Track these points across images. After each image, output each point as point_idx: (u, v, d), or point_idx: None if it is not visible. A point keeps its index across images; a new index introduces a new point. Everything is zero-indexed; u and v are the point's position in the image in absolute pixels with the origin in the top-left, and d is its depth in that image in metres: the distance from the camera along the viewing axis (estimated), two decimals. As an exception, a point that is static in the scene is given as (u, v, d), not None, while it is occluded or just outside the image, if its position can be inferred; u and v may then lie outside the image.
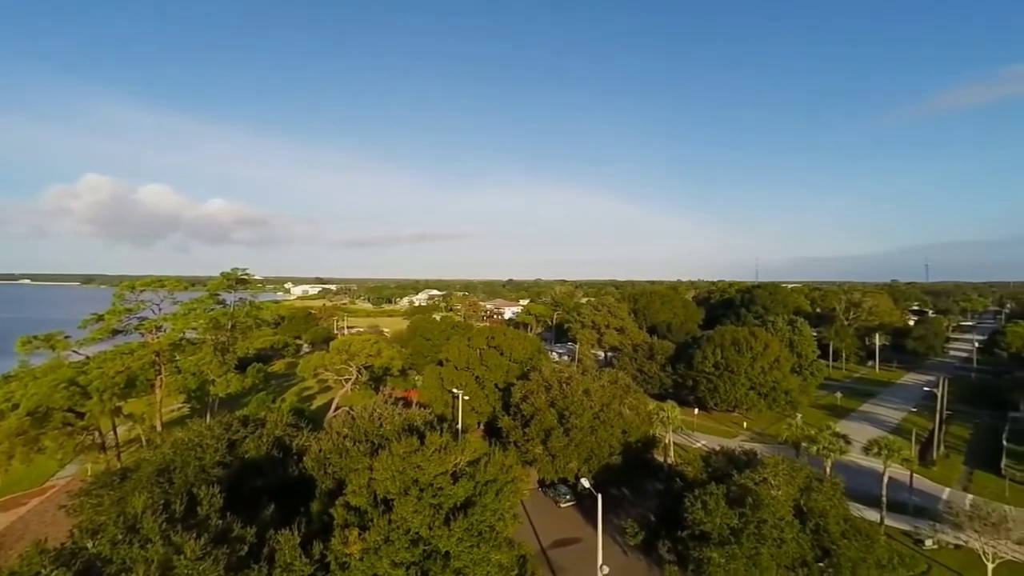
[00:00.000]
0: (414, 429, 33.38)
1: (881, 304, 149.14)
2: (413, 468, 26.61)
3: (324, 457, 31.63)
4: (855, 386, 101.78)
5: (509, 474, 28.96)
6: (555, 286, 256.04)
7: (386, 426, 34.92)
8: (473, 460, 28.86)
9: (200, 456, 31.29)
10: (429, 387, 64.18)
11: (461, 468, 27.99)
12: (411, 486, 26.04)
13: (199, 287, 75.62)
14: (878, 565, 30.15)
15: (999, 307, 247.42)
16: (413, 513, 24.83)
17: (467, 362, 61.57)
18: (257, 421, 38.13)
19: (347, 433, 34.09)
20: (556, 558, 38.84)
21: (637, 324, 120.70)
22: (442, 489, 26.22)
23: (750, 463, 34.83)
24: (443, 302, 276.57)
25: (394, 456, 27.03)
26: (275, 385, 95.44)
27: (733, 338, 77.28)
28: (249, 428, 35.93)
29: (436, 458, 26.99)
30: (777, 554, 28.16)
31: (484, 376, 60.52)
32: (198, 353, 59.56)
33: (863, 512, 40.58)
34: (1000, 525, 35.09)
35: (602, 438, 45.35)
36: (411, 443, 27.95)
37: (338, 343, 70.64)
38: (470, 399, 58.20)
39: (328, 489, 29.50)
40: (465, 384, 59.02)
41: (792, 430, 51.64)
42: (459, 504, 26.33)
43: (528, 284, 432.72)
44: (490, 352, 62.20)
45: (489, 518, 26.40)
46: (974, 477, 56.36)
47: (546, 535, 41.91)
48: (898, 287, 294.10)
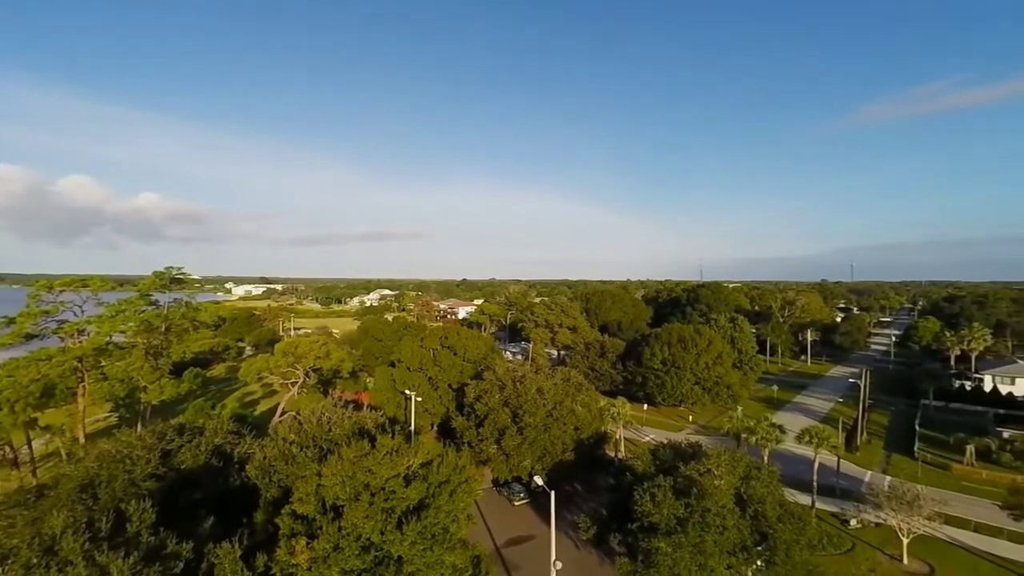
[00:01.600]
0: (365, 432, 32.56)
1: (812, 302, 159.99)
2: (364, 472, 25.94)
3: (269, 465, 30.25)
4: (790, 379, 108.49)
5: (463, 474, 28.78)
6: (509, 286, 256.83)
7: (335, 430, 33.84)
8: (426, 462, 28.47)
9: (129, 469, 29.12)
10: (381, 389, 62.81)
11: (414, 470, 27.54)
12: (362, 491, 25.37)
13: (128, 287, 70.42)
14: (809, 545, 32.36)
15: (913, 305, 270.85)
16: (364, 519, 24.21)
17: (420, 363, 60.73)
18: (194, 429, 35.93)
19: (294, 439, 32.76)
20: (510, 556, 39.03)
21: (589, 323, 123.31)
22: (394, 493, 25.71)
23: (695, 455, 36.37)
24: (396, 302, 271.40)
25: (344, 461, 26.23)
26: (215, 390, 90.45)
27: (679, 336, 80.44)
28: (185, 437, 33.81)
29: (388, 461, 26.43)
30: (720, 540, 29.56)
31: (437, 377, 59.91)
32: (127, 358, 55.44)
33: (796, 497, 43.43)
34: (913, 503, 38.45)
35: (555, 436, 45.97)
36: (362, 447, 27.22)
37: (284, 345, 67.81)
38: (423, 400, 57.45)
39: (273, 498, 28.25)
40: (418, 385, 58.19)
41: (733, 422, 54.33)
42: (412, 507, 25.91)
43: (482, 284, 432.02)
44: (444, 352, 61.63)
45: (443, 520, 26.15)
46: (892, 460, 61.47)
47: (500, 534, 42.03)
48: (827, 286, 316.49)
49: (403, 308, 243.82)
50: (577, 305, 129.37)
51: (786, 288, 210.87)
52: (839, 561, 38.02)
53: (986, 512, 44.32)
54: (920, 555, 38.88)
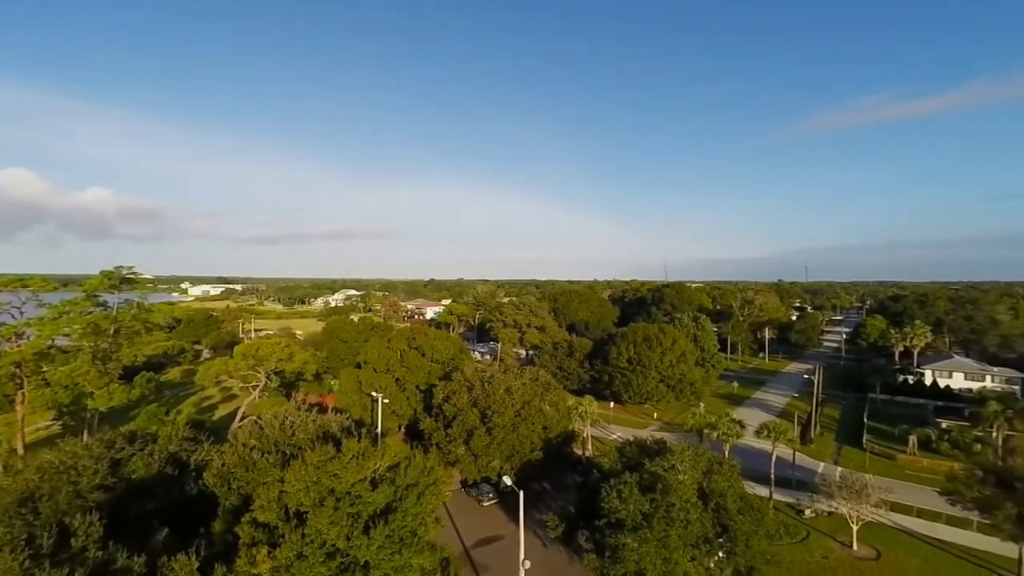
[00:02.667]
0: (330, 436, 31.84)
1: (769, 302, 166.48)
2: (329, 477, 25.35)
3: (228, 472, 29.15)
4: (749, 376, 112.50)
5: (431, 476, 28.54)
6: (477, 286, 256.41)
7: (299, 434, 32.92)
8: (393, 465, 28.08)
9: (75, 480, 27.49)
10: (346, 391, 61.50)
11: (381, 474, 27.12)
12: (327, 496, 24.79)
13: (74, 288, 66.39)
14: (767, 536, 33.63)
15: (861, 304, 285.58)
16: (329, 524, 23.67)
17: (387, 364, 59.81)
18: (147, 436, 34.30)
19: (254, 444, 31.68)
20: (479, 557, 38.93)
21: (557, 322, 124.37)
22: (360, 497, 25.24)
23: (660, 451, 37.20)
24: (362, 303, 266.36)
25: (308, 466, 25.56)
26: (170, 396, 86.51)
27: (645, 335, 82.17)
28: (137, 445, 32.23)
29: (354, 465, 25.92)
30: (684, 534, 30.36)
31: (405, 378, 59.15)
32: (72, 363, 52.37)
33: (755, 489, 44.99)
34: (862, 492, 40.54)
35: (524, 435, 46.14)
36: (326, 451, 26.60)
37: (244, 347, 65.47)
38: (390, 402, 56.60)
39: (232, 506, 27.26)
40: (385, 387, 57.29)
41: (696, 418, 55.99)
42: (379, 511, 25.51)
43: (450, 284, 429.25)
44: (411, 353, 60.91)
45: (411, 523, 25.86)
46: (843, 452, 64.61)
47: (469, 535, 41.86)
48: (783, 286, 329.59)
49: (369, 309, 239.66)
50: (545, 305, 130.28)
51: (745, 288, 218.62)
52: (795, 549, 39.71)
53: (927, 498, 47.11)
54: (868, 541, 41.02)
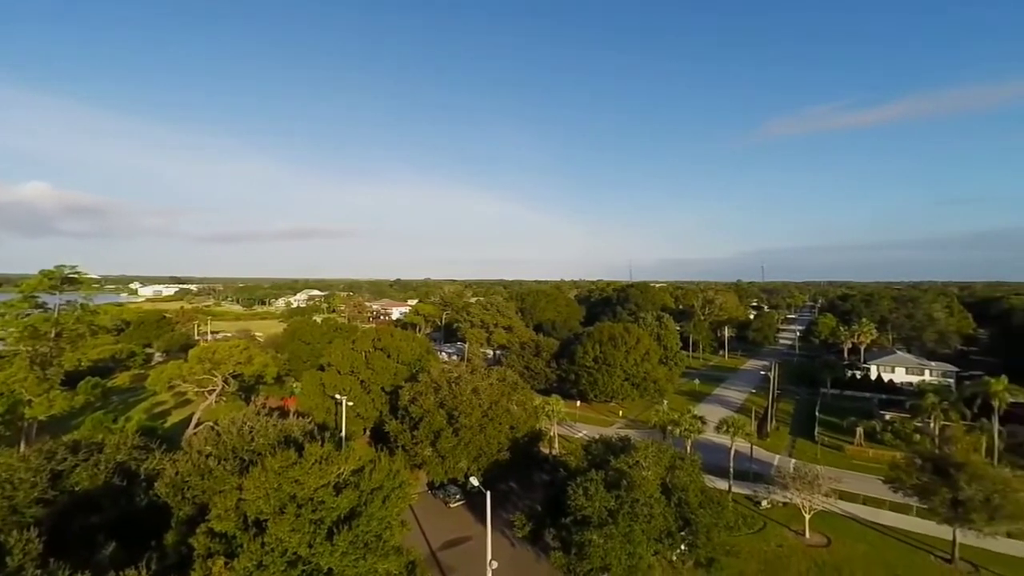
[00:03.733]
0: (291, 441, 31.01)
1: (729, 301, 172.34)
2: (290, 483, 24.65)
3: (182, 481, 27.95)
4: (710, 373, 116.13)
5: (396, 479, 28.16)
6: (444, 286, 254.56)
7: (258, 440, 31.89)
8: (358, 468, 27.56)
9: (10, 495, 25.77)
10: (309, 394, 59.92)
11: (345, 478, 26.56)
12: (288, 503, 24.10)
13: (9, 288, 62.04)
14: (727, 528, 34.81)
15: (814, 303, 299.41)
16: (291, 532, 23.01)
17: (351, 366, 58.63)
18: (92, 446, 32.48)
19: (211, 451, 30.49)
20: (446, 559, 38.68)
21: (524, 322, 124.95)
22: (323, 503, 24.65)
23: (625, 448, 37.95)
24: (325, 303, 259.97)
25: (268, 472, 24.79)
26: (118, 402, 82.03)
27: (610, 334, 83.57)
28: (81, 455, 30.47)
29: (316, 470, 25.29)
30: (647, 529, 31.08)
31: (370, 380, 58.14)
32: (7, 368, 48.95)
33: (715, 482, 46.51)
34: (813, 482, 42.52)
35: (491, 435, 46.14)
36: (288, 456, 25.86)
37: (199, 350, 62.83)
38: (355, 404, 55.53)
39: (187, 516, 26.16)
40: (349, 389, 56.15)
41: (660, 416, 57.31)
42: (343, 516, 24.98)
43: (417, 284, 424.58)
44: (376, 354, 59.92)
45: (375, 527, 25.43)
46: (796, 444, 67.58)
47: (436, 537, 41.54)
48: (742, 286, 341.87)
49: (333, 309, 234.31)
50: (512, 305, 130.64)
51: (706, 288, 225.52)
52: (752, 540, 41.25)
53: (872, 486, 49.82)
54: (820, 529, 43.05)
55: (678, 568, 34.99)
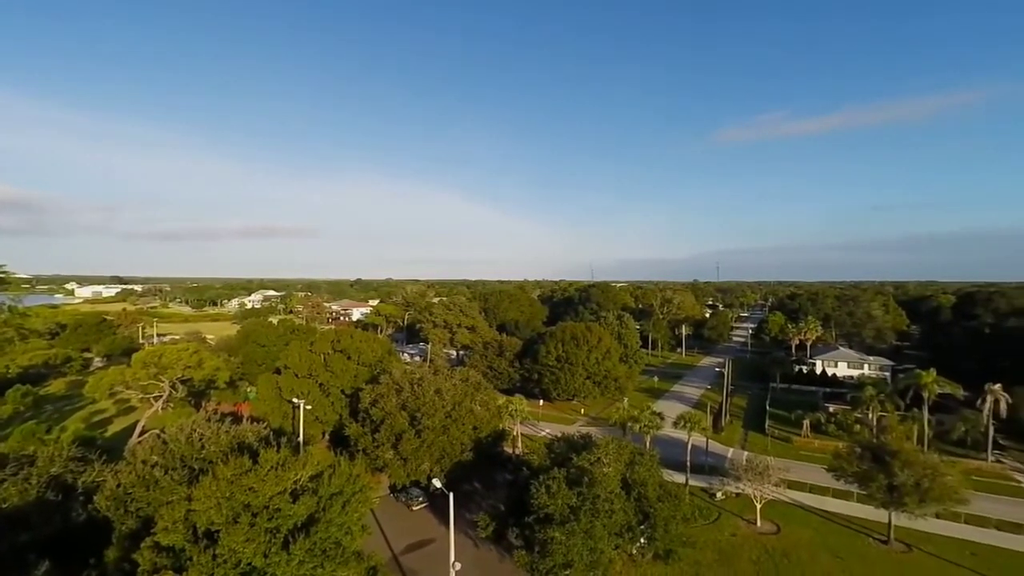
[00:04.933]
0: (245, 447, 29.87)
1: (686, 300, 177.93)
2: (244, 491, 23.74)
3: (124, 493, 26.43)
4: (668, 370, 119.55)
5: (357, 484, 27.62)
6: (407, 286, 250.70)
7: (209, 447, 30.53)
8: (316, 474, 26.84)
9: (-73, 514, 23.65)
10: (264, 398, 57.82)
11: (302, 484, 25.82)
12: (241, 512, 23.20)
13: (-76, 289, 56.89)
14: (684, 519, 35.99)
15: (765, 301, 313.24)
16: (244, 542, 22.17)
17: (309, 368, 56.97)
18: (22, 459, 30.24)
19: (157, 460, 28.95)
20: (409, 563, 38.19)
21: (487, 322, 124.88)
22: (280, 510, 23.88)
23: (586, 446, 38.60)
24: (282, 304, 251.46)
25: (219, 480, 23.78)
26: (52, 411, 76.60)
27: (572, 333, 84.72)
28: (9, 469, 28.31)
29: (272, 477, 24.47)
30: (608, 524, 31.72)
31: (329, 382, 56.68)
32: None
33: (673, 476, 47.96)
34: (764, 473, 44.53)
35: (454, 436, 45.89)
36: (241, 463, 24.90)
37: (145, 354, 59.48)
38: (313, 408, 53.98)
39: (129, 531, 24.76)
40: (307, 392, 54.55)
41: (620, 413, 58.55)
42: (300, 524, 24.28)
43: (378, 284, 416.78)
44: (336, 356, 58.47)
45: (335, 534, 24.86)
46: (749, 437, 70.53)
47: (398, 541, 40.96)
48: (698, 286, 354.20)
49: (290, 310, 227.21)
50: (476, 305, 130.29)
51: (665, 287, 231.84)
52: (708, 530, 42.80)
53: (817, 475, 52.59)
54: (770, 517, 45.12)
55: (638, 561, 35.89)
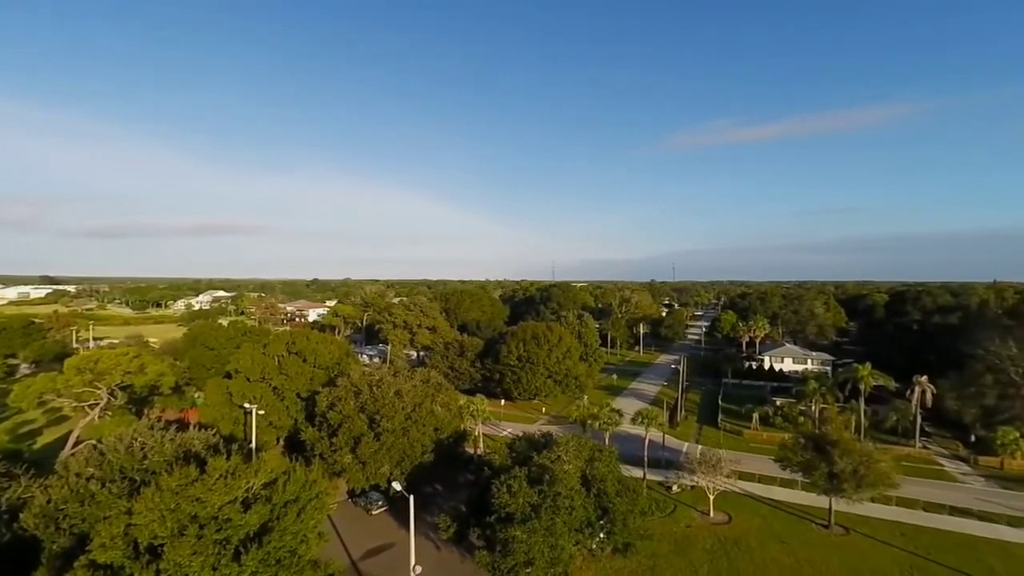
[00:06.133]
0: (192, 456, 28.47)
1: (643, 300, 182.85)
2: (190, 502, 22.61)
3: (55, 509, 24.62)
4: (627, 368, 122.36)
5: (313, 490, 26.83)
6: (365, 286, 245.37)
7: (152, 457, 28.90)
8: (270, 481, 25.91)
9: None
10: (214, 404, 55.17)
11: (255, 492, 24.85)
12: (188, 524, 22.09)
13: None
14: (641, 513, 37.03)
15: (717, 301, 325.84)
16: (191, 556, 21.12)
17: (263, 372, 54.82)
18: (-65, 476, 27.63)
19: (93, 473, 27.12)
20: (368, 568, 37.43)
21: (449, 323, 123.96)
22: (230, 520, 22.89)
23: (547, 444, 39.00)
24: (232, 305, 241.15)
25: (163, 491, 22.55)
26: (-30, 423, 70.27)
27: (533, 333, 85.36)
28: (-80, 487, 25.82)
29: (221, 486, 23.42)
30: (569, 520, 32.17)
31: (284, 386, 54.74)
32: None
33: (631, 471, 49.12)
34: (716, 465, 46.33)
35: (414, 438, 45.32)
36: (187, 473, 23.70)
37: (79, 360, 55.56)
38: (267, 413, 52.00)
39: (62, 549, 23.11)
40: (260, 397, 52.47)
41: (580, 410, 59.45)
42: (252, 533, 23.36)
43: (336, 284, 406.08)
44: (291, 359, 56.53)
45: (289, 542, 24.07)
46: (703, 431, 73.20)
47: (357, 546, 40.05)
48: (655, 285, 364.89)
49: (242, 311, 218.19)
50: (437, 305, 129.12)
51: (623, 287, 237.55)
52: (664, 522, 44.13)
53: (766, 466, 55.16)
54: (723, 508, 46.97)
55: (597, 555, 36.55)
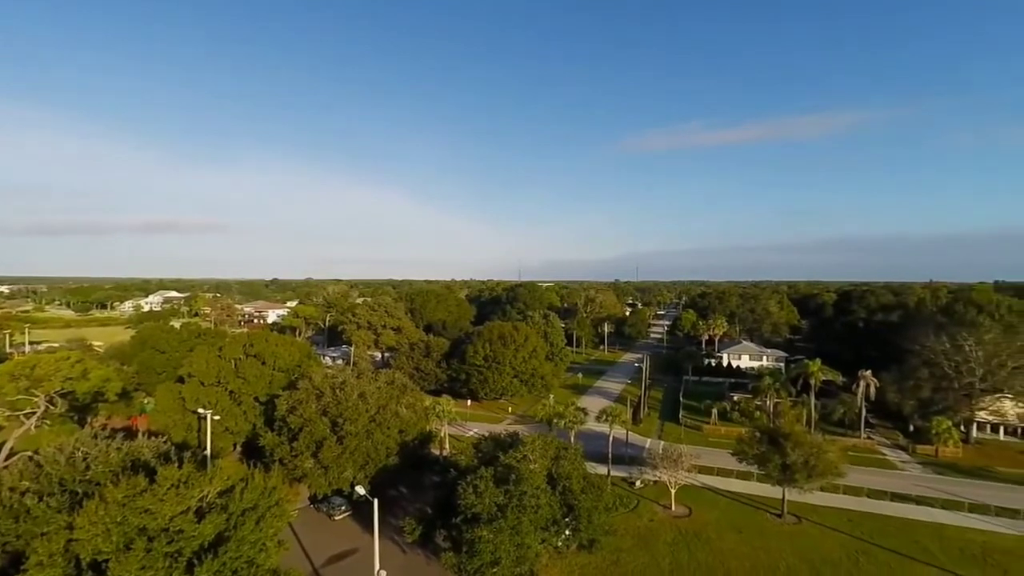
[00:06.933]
0: (141, 465, 27.09)
1: (608, 300, 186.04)
2: (139, 514, 21.50)
3: (-14, 526, 22.90)
4: (592, 366, 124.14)
5: (272, 497, 26.00)
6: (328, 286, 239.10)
7: (96, 468, 27.32)
8: (226, 489, 24.93)
9: None
10: (165, 410, 52.65)
11: (210, 501, 23.87)
12: (136, 537, 20.99)
13: None
14: (606, 509, 37.58)
15: (679, 300, 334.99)
16: (139, 571, 20.10)
17: (218, 375, 52.70)
18: None
19: (28, 486, 25.39)
20: (331, 575, 36.59)
21: (414, 323, 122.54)
22: (182, 532, 21.90)
23: (513, 444, 39.10)
24: (186, 306, 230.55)
25: (108, 504, 21.36)
26: None
27: (500, 333, 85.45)
28: None
29: (173, 496, 22.38)
30: (535, 519, 32.36)
31: (241, 390, 52.80)
32: None
33: (596, 468, 49.89)
34: (678, 460, 47.65)
35: (379, 441, 44.57)
36: (136, 483, 22.54)
37: (13, 365, 51.80)
38: (223, 418, 50.02)
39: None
40: (216, 402, 50.44)
41: (546, 409, 59.93)
42: (207, 544, 22.42)
43: (297, 284, 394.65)
44: (249, 362, 54.56)
45: (247, 552, 23.24)
46: (665, 427, 75.11)
47: (320, 553, 39.06)
48: (619, 285, 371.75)
49: (196, 313, 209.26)
50: (402, 305, 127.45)
51: (588, 287, 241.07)
52: (628, 517, 45.05)
53: (724, 459, 57.13)
54: (684, 501, 48.36)
55: (563, 553, 36.96)
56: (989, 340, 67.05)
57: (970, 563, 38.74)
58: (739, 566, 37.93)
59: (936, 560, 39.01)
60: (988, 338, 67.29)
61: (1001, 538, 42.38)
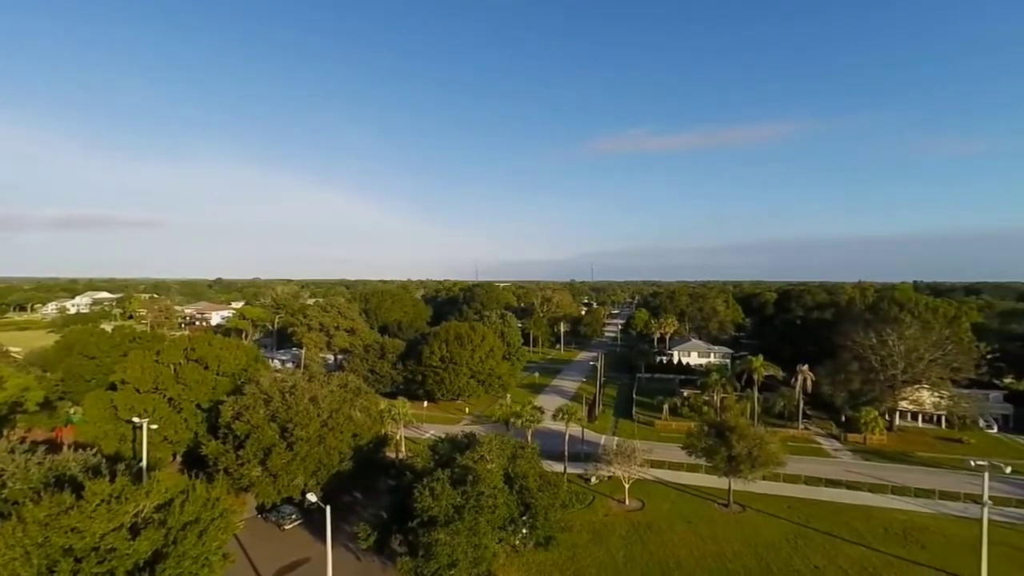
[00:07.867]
0: (66, 480, 25.10)
1: (564, 299, 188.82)
2: (63, 534, 19.91)
3: None
4: (548, 365, 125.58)
5: (216, 508, 24.73)
6: (277, 286, 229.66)
7: (14, 485, 25.09)
8: (164, 503, 23.49)
9: None
10: (95, 419, 49.04)
11: (146, 516, 22.42)
12: (60, 559, 19.43)
13: None
14: (563, 506, 38.20)
15: (632, 299, 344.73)
16: (65, 594, 18.60)
17: (156, 381, 49.61)
18: None
19: (-67, 509, 22.98)
20: (280, 588, 35.21)
21: (369, 324, 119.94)
22: (115, 550, 20.46)
23: (470, 444, 38.99)
24: (119, 308, 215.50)
25: (27, 524, 19.66)
26: None
27: (456, 333, 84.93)
28: None
29: (103, 512, 20.87)
30: (492, 519, 32.39)
31: (181, 396, 49.94)
32: None
33: (553, 466, 50.56)
34: (631, 455, 48.99)
35: (331, 446, 43.29)
36: (60, 500, 20.85)
37: (-88, 375, 46.77)
38: (161, 427, 47.14)
39: None
40: (153, 410, 47.45)
41: (503, 409, 60.13)
42: (143, 562, 21.06)
43: (243, 284, 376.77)
44: (190, 367, 51.68)
45: (188, 567, 22.02)
46: (619, 424, 77.00)
47: (268, 565, 37.49)
48: (575, 285, 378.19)
49: (130, 315, 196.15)
50: (355, 306, 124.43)
51: (545, 287, 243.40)
52: (584, 513, 45.89)
53: (674, 453, 59.21)
54: (637, 495, 49.77)
55: (520, 551, 37.19)
56: (909, 335, 72.83)
57: (893, 541, 42.04)
58: (688, 555, 39.46)
59: (864, 539, 42.08)
60: (908, 334, 73.07)
61: (920, 517, 46.27)
